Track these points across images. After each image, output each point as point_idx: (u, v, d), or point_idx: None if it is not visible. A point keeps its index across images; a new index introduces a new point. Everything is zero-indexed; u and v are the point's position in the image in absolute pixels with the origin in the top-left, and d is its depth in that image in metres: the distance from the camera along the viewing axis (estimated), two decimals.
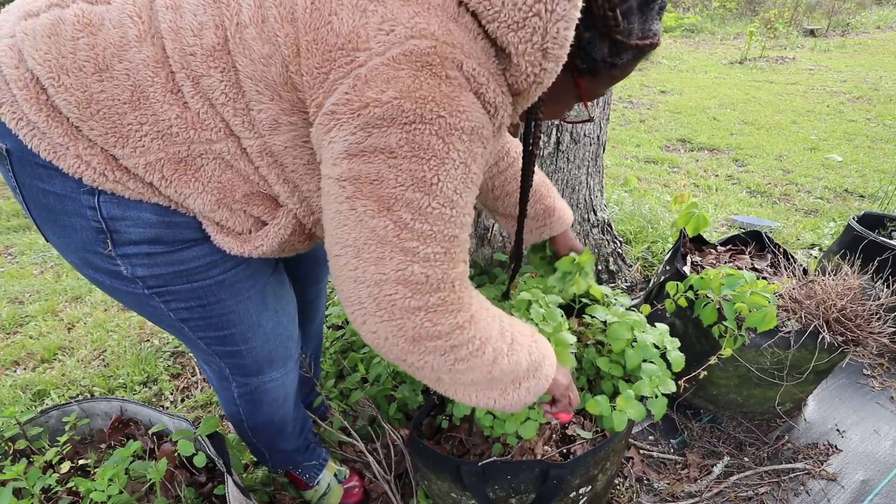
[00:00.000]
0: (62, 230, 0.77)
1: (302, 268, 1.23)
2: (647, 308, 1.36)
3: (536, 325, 1.19)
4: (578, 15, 0.59)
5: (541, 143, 1.75)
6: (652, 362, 1.16)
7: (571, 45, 0.62)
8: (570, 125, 1.77)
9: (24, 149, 0.70)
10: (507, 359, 0.80)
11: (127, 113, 0.67)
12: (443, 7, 0.60)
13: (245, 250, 0.81)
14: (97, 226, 0.75)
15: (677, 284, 1.35)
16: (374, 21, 0.59)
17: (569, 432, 1.15)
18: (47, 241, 0.83)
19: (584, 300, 1.39)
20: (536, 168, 1.12)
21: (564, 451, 1.12)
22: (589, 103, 0.85)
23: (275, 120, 0.68)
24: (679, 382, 1.31)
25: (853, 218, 2.00)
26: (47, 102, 0.67)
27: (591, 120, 0.85)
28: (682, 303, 1.34)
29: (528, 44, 0.61)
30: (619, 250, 2.27)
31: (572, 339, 1.15)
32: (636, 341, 1.16)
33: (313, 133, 0.67)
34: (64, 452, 1.07)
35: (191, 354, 1.96)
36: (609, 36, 0.65)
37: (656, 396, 1.10)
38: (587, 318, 1.32)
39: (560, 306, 1.31)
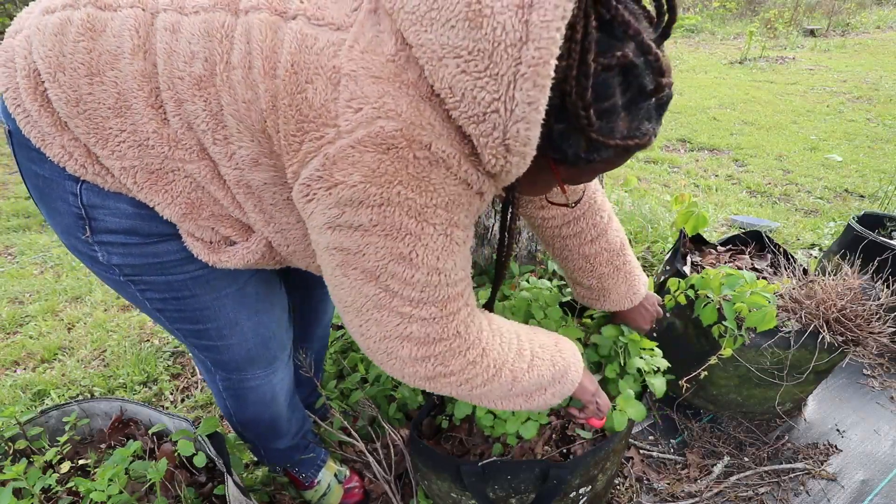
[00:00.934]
0: (50, 211, 0.81)
1: None
2: None
3: (538, 323, 1.19)
4: (541, 118, 0.55)
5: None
6: (642, 357, 1.17)
7: (542, 136, 0.58)
8: None
9: (20, 132, 0.73)
10: (528, 375, 0.83)
11: (110, 118, 0.69)
12: (416, 86, 0.58)
13: (211, 260, 0.82)
14: (77, 212, 0.77)
15: (679, 281, 1.35)
16: (343, 97, 0.58)
17: (569, 432, 1.15)
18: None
19: None
20: (616, 232, 1.08)
21: (564, 451, 1.12)
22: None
23: (254, 159, 0.69)
24: (680, 382, 1.31)
25: (853, 218, 2.00)
26: (42, 94, 0.70)
27: (569, 206, 0.83)
28: (682, 300, 1.34)
29: (489, 138, 0.59)
30: None
31: (579, 332, 1.16)
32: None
33: (293, 196, 0.67)
34: (64, 452, 1.07)
35: (191, 355, 1.96)
36: (583, 133, 0.59)
37: (655, 373, 1.12)
38: (587, 320, 1.32)
39: (560, 304, 1.31)
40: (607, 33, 0.56)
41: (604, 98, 0.58)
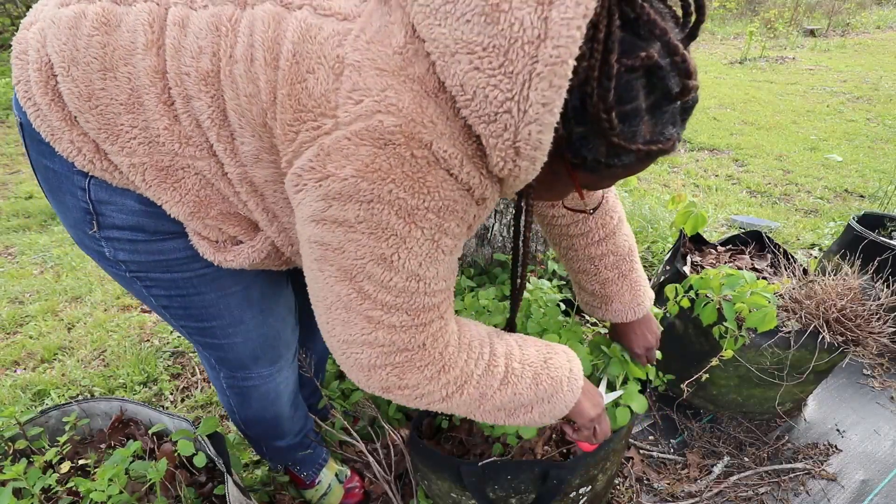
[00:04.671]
0: (60, 205, 0.81)
1: None
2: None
3: (545, 329, 1.18)
4: (555, 120, 0.53)
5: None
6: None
7: (562, 139, 0.58)
8: None
9: (31, 125, 0.73)
10: (500, 393, 0.78)
11: (122, 114, 0.69)
12: (422, 81, 0.56)
13: (217, 259, 0.82)
14: (85, 206, 0.77)
15: (676, 287, 1.35)
16: (345, 87, 0.56)
17: None
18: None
19: None
20: (625, 237, 1.05)
21: (564, 451, 1.12)
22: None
23: (256, 155, 0.69)
24: (682, 386, 1.31)
25: (853, 218, 2.00)
26: (54, 88, 0.69)
27: (586, 213, 0.79)
28: (685, 303, 1.33)
29: (499, 139, 0.56)
30: None
31: (580, 333, 1.15)
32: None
33: (286, 185, 0.66)
34: (64, 452, 1.07)
35: (191, 355, 1.96)
36: (604, 137, 0.57)
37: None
38: (587, 316, 1.32)
39: (562, 302, 1.31)
40: (632, 33, 0.54)
41: (627, 101, 0.55)
